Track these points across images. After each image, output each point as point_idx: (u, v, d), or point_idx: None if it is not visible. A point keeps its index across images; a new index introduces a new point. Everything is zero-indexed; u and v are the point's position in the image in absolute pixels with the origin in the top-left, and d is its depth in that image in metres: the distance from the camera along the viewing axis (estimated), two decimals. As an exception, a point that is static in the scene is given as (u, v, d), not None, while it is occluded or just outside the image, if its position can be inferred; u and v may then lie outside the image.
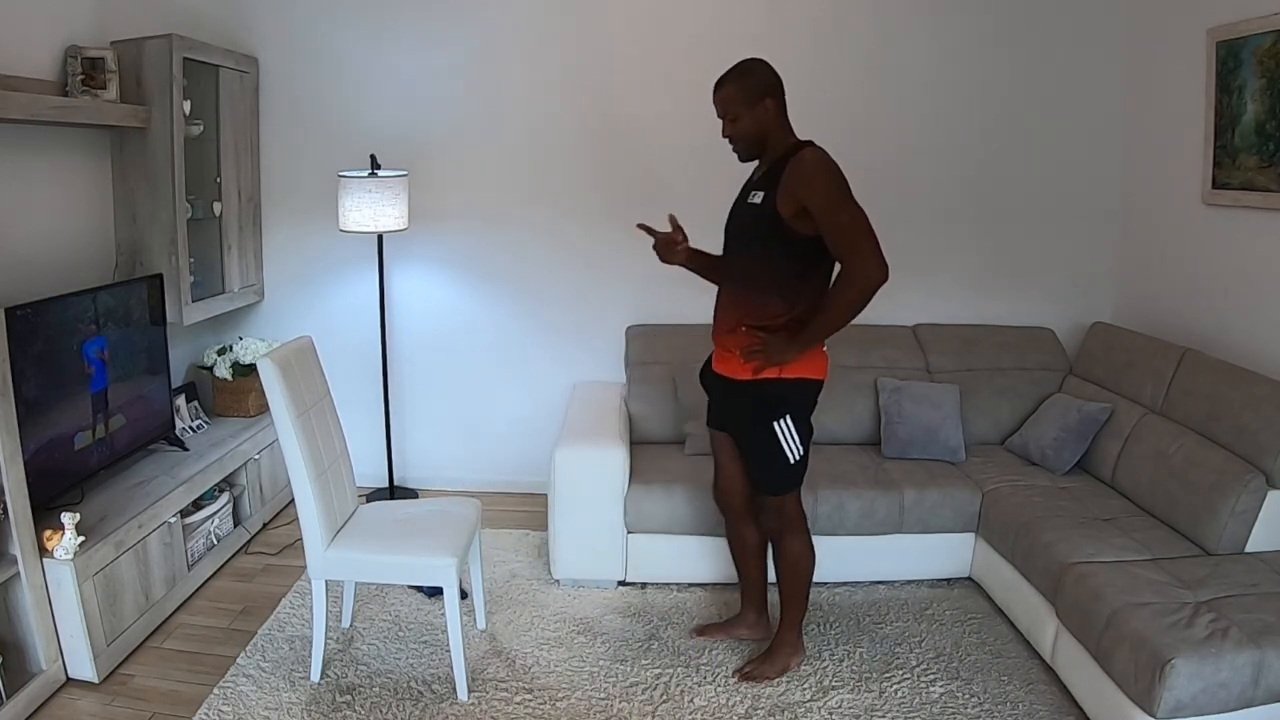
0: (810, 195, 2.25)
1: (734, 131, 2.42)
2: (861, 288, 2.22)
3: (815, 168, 2.27)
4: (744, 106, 2.38)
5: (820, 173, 2.27)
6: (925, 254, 3.94)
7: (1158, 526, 2.81)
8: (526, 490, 4.05)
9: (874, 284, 2.21)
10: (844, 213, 2.22)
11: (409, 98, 3.86)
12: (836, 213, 2.22)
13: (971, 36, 3.77)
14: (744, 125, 2.39)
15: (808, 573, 2.62)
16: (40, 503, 2.50)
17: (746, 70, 2.41)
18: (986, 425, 3.57)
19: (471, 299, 4.03)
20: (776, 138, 2.41)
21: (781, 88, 2.42)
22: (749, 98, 2.37)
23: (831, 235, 2.24)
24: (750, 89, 2.37)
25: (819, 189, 2.25)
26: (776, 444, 2.46)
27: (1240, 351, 3.10)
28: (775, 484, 2.53)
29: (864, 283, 2.21)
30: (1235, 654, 2.10)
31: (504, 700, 2.53)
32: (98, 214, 3.24)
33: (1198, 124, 3.30)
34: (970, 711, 2.51)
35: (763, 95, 2.37)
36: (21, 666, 2.46)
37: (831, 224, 2.23)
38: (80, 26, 3.04)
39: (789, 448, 2.46)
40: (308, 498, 2.47)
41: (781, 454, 2.46)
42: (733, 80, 2.41)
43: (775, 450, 2.46)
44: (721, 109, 2.43)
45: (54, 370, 2.67)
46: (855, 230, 2.21)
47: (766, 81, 2.39)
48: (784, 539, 2.59)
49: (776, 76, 2.42)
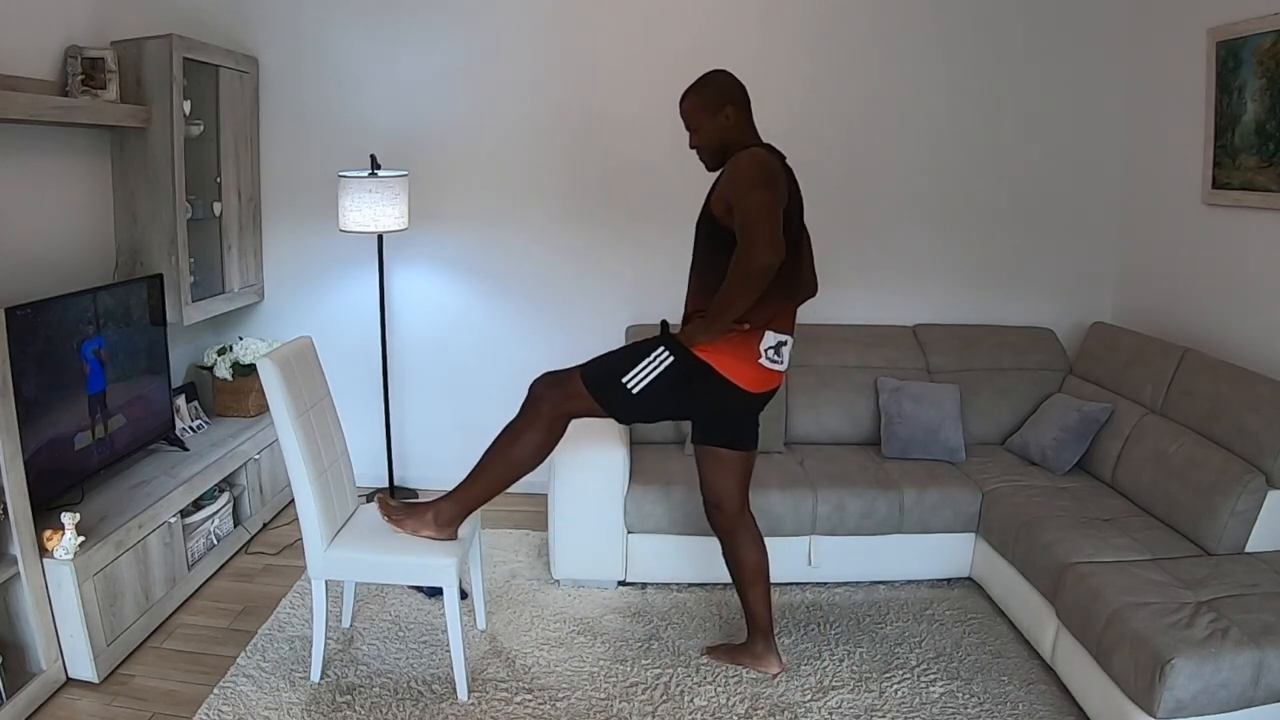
0: (730, 191, 2.28)
1: (699, 142, 2.46)
2: (745, 269, 2.18)
3: (740, 166, 2.29)
4: (706, 116, 2.41)
5: (741, 169, 2.28)
6: (925, 254, 3.95)
7: (1158, 526, 2.81)
8: (526, 490, 4.01)
9: (759, 265, 2.16)
10: (747, 197, 2.22)
11: (409, 98, 3.86)
12: (741, 198, 2.23)
13: (971, 37, 3.77)
14: (706, 135, 2.43)
15: (510, 463, 2.50)
16: (40, 503, 2.50)
17: (707, 81, 2.45)
18: (986, 425, 3.57)
19: (472, 299, 4.03)
20: (738, 144, 2.41)
21: (743, 95, 2.44)
22: (710, 107, 2.41)
23: (735, 219, 2.25)
24: (711, 99, 2.41)
25: (733, 184, 2.28)
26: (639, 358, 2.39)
27: (1240, 351, 3.10)
28: (599, 378, 2.43)
29: (748, 264, 2.17)
30: (1235, 654, 2.10)
31: (504, 700, 2.53)
32: (98, 214, 3.24)
33: (1198, 124, 3.30)
34: (970, 711, 2.51)
35: (723, 104, 2.40)
36: (21, 666, 2.46)
37: (736, 209, 2.24)
38: (80, 26, 3.04)
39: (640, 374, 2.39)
40: (308, 498, 2.47)
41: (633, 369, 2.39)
42: (694, 92, 2.44)
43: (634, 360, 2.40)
44: (686, 120, 2.47)
45: (54, 370, 2.67)
46: (752, 213, 2.20)
47: (727, 91, 2.42)
48: (525, 415, 2.49)
49: (738, 85, 2.44)
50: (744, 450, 2.63)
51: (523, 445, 2.50)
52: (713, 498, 2.70)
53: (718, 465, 2.64)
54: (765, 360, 2.40)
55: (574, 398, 2.47)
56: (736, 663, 2.72)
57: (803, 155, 3.84)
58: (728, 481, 2.65)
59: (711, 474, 2.67)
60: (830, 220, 3.93)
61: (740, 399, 2.42)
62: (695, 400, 2.45)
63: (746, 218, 2.19)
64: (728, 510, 2.67)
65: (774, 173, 2.29)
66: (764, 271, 2.16)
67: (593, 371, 2.48)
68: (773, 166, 2.31)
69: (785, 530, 3.09)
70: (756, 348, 2.38)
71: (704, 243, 2.44)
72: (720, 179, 2.39)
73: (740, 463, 2.64)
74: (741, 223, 2.20)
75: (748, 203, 2.21)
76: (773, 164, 2.32)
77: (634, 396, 2.40)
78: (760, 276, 2.17)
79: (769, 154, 2.36)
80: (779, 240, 2.17)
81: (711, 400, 2.44)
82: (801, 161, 3.83)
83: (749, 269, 2.17)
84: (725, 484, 2.65)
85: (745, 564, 2.68)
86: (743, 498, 2.68)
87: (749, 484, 2.70)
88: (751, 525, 2.71)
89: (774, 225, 2.18)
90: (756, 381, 2.41)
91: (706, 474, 2.68)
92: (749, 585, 2.68)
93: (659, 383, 2.38)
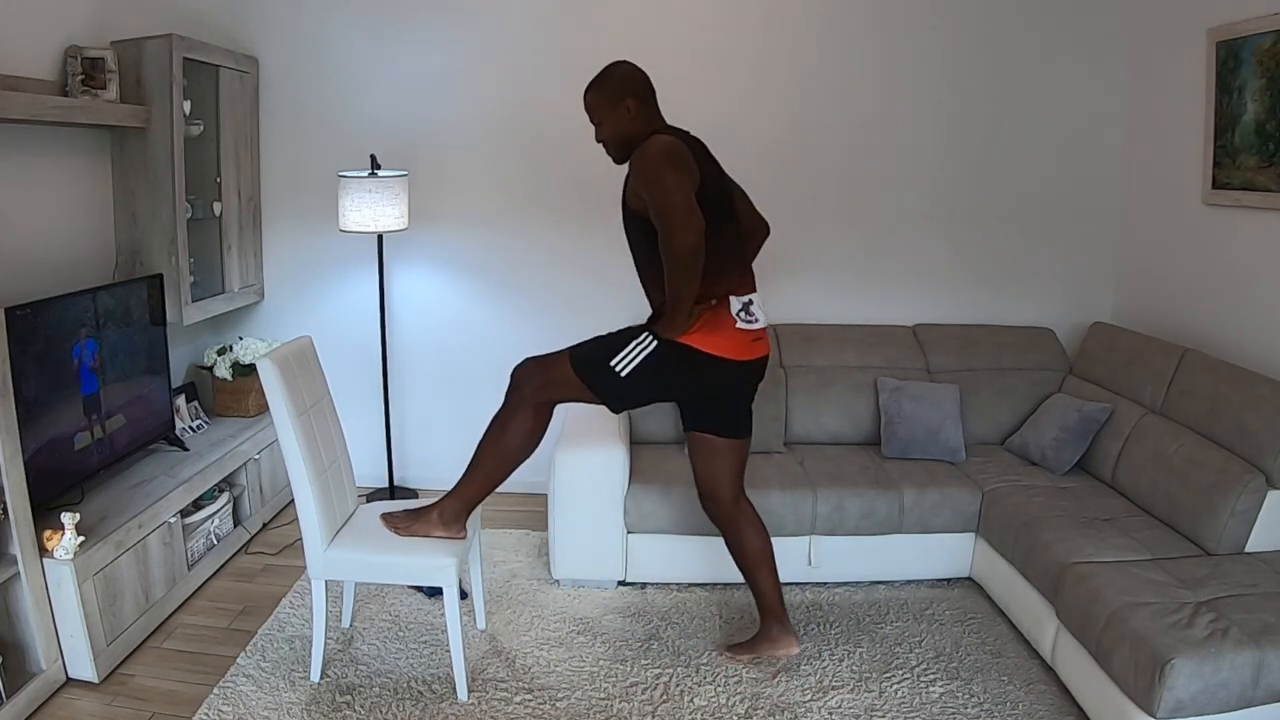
0: (639, 182, 2.30)
1: (602, 136, 2.48)
2: (674, 254, 2.20)
3: (644, 155, 2.30)
4: (608, 109, 2.43)
5: (645, 158, 2.29)
6: (925, 254, 3.95)
7: (1158, 526, 2.81)
8: (526, 490, 4.04)
9: (684, 247, 2.18)
10: (656, 185, 2.24)
11: (409, 98, 3.86)
12: (649, 187, 2.25)
13: (971, 37, 3.77)
14: (609, 129, 2.44)
15: (503, 453, 2.53)
16: (40, 503, 2.50)
17: (608, 75, 2.46)
18: (986, 425, 3.57)
19: (472, 298, 4.03)
20: (643, 135, 2.41)
21: (645, 86, 2.45)
22: (610, 101, 2.42)
23: (650, 208, 2.27)
24: (611, 92, 2.42)
25: (640, 174, 2.29)
26: (626, 342, 2.41)
27: (1240, 351, 3.10)
28: (588, 362, 2.44)
29: (674, 249, 2.19)
30: (1235, 654, 2.10)
31: (504, 700, 2.53)
32: (98, 214, 3.24)
33: (1198, 124, 3.30)
34: (970, 711, 2.51)
35: (623, 96, 2.41)
36: (21, 666, 2.46)
37: (647, 199, 2.26)
38: (80, 26, 3.04)
39: (628, 357, 2.39)
40: (308, 498, 2.47)
41: (620, 352, 2.40)
42: (595, 86, 2.46)
43: (622, 344, 2.41)
44: (589, 115, 2.48)
45: (54, 370, 2.67)
46: (660, 198, 2.22)
47: (627, 83, 2.43)
48: (510, 403, 2.51)
49: (640, 76, 2.45)
50: (737, 438, 2.63)
51: (512, 433, 2.52)
52: (706, 489, 2.69)
53: (711, 454, 2.64)
54: (741, 323, 2.41)
55: (560, 382, 2.48)
56: (756, 653, 2.69)
57: (803, 156, 3.89)
58: (721, 471, 2.64)
59: (705, 464, 2.66)
60: (831, 220, 3.95)
61: (732, 372, 2.44)
62: (685, 381, 2.46)
63: (658, 204, 2.22)
64: (722, 500, 2.67)
65: (676, 153, 2.30)
66: (692, 251, 2.19)
67: (582, 355, 2.48)
68: (674, 148, 2.31)
69: (785, 530, 3.09)
70: (728, 315, 2.40)
71: (636, 239, 2.47)
72: (629, 173, 2.40)
73: (734, 451, 2.64)
74: (655, 210, 2.23)
75: (656, 189, 2.23)
76: (674, 145, 2.32)
77: (623, 380, 2.41)
78: (690, 257, 2.19)
79: (670, 137, 2.36)
80: (695, 218, 2.18)
81: (702, 379, 2.45)
82: (802, 162, 3.89)
83: (677, 253, 2.20)
84: (719, 473, 2.64)
85: (748, 549, 2.68)
86: (737, 487, 2.68)
87: (743, 474, 2.70)
88: (749, 511, 2.70)
89: (686, 204, 2.20)
90: (741, 348, 2.42)
91: (700, 464, 2.68)
92: (754, 570, 2.68)
93: (646, 365, 2.39)
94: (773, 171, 3.88)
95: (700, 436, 2.64)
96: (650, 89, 2.47)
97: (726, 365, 2.41)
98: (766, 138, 3.85)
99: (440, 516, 2.55)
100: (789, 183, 3.88)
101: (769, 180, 3.87)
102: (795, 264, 3.95)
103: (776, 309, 3.94)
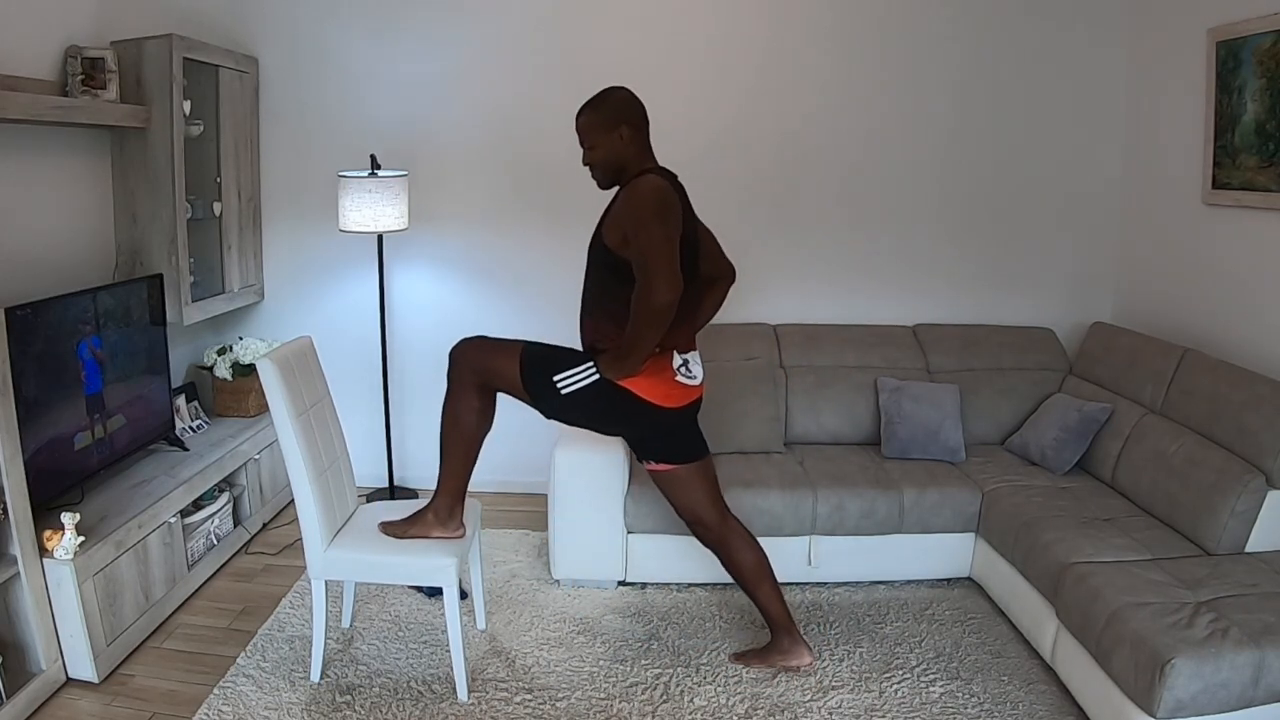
0: (627, 222, 2.27)
1: (592, 159, 2.44)
2: (649, 309, 2.21)
3: (636, 197, 2.28)
4: (602, 134, 2.39)
5: (638, 200, 2.27)
6: (925, 254, 3.95)
7: (1158, 526, 2.81)
8: (526, 490, 4.05)
9: (661, 304, 2.19)
10: (644, 233, 2.22)
11: (409, 98, 3.86)
12: (638, 234, 2.23)
13: (971, 37, 3.77)
14: (601, 153, 2.41)
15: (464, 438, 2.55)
16: (40, 503, 2.50)
17: (603, 99, 2.42)
18: (986, 425, 3.57)
19: (471, 299, 4.03)
20: (633, 164, 2.40)
21: (641, 115, 2.42)
22: (605, 125, 2.38)
23: (633, 256, 2.25)
24: (606, 117, 2.39)
25: (631, 215, 2.26)
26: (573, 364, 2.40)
27: (1240, 351, 3.10)
28: (535, 365, 2.42)
29: (650, 304, 2.20)
30: (1235, 654, 2.10)
31: (504, 700, 2.53)
32: (98, 214, 3.24)
33: (1198, 124, 3.30)
34: (970, 711, 2.51)
35: (618, 123, 2.38)
36: (21, 666, 2.46)
37: (634, 245, 2.24)
38: (80, 26, 3.04)
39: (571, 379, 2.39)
40: (307, 498, 2.47)
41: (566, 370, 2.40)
42: (590, 108, 2.42)
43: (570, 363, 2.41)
44: (580, 137, 2.44)
45: (54, 370, 2.67)
46: (649, 250, 2.20)
47: (623, 109, 2.40)
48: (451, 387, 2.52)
49: (636, 104, 2.42)
50: (695, 460, 2.62)
51: (464, 416, 2.53)
52: (689, 516, 2.69)
53: (678, 485, 2.64)
54: (680, 377, 2.42)
55: (500, 373, 2.46)
56: (769, 665, 2.68)
57: (804, 156, 3.88)
58: (696, 496, 2.63)
59: (677, 495, 2.66)
60: (831, 220, 3.95)
61: (663, 416, 2.43)
62: (621, 418, 2.46)
63: (645, 256, 2.20)
64: (710, 523, 2.66)
65: (669, 204, 2.28)
66: (667, 309, 2.20)
67: (533, 356, 2.47)
68: (668, 197, 2.29)
69: (785, 530, 3.09)
70: (669, 366, 2.41)
71: (600, 272, 2.43)
72: (615, 206, 2.37)
73: (699, 474, 2.63)
74: (640, 261, 2.22)
75: (645, 240, 2.21)
76: (668, 194, 2.30)
77: (562, 397, 2.41)
78: (664, 314, 2.21)
79: (664, 181, 2.33)
80: (677, 277, 2.19)
81: (636, 421, 2.47)
82: (803, 162, 3.89)
83: (652, 308, 2.20)
84: (695, 500, 2.64)
85: (744, 566, 2.67)
86: (719, 506, 2.67)
87: (719, 491, 2.69)
88: (738, 528, 2.69)
89: (672, 262, 2.20)
90: (673, 397, 2.43)
91: (673, 497, 2.67)
92: (755, 586, 2.68)
93: (584, 394, 2.39)
94: (773, 172, 3.88)
95: (660, 472, 2.63)
96: (645, 118, 2.44)
97: (659, 411, 2.42)
98: (767, 138, 3.85)
99: (436, 516, 2.56)
100: (790, 183, 3.88)
101: (770, 180, 3.90)
102: (796, 264, 3.95)
103: (777, 309, 3.95)
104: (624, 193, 2.35)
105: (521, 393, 2.48)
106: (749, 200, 3.88)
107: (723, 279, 2.67)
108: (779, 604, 2.67)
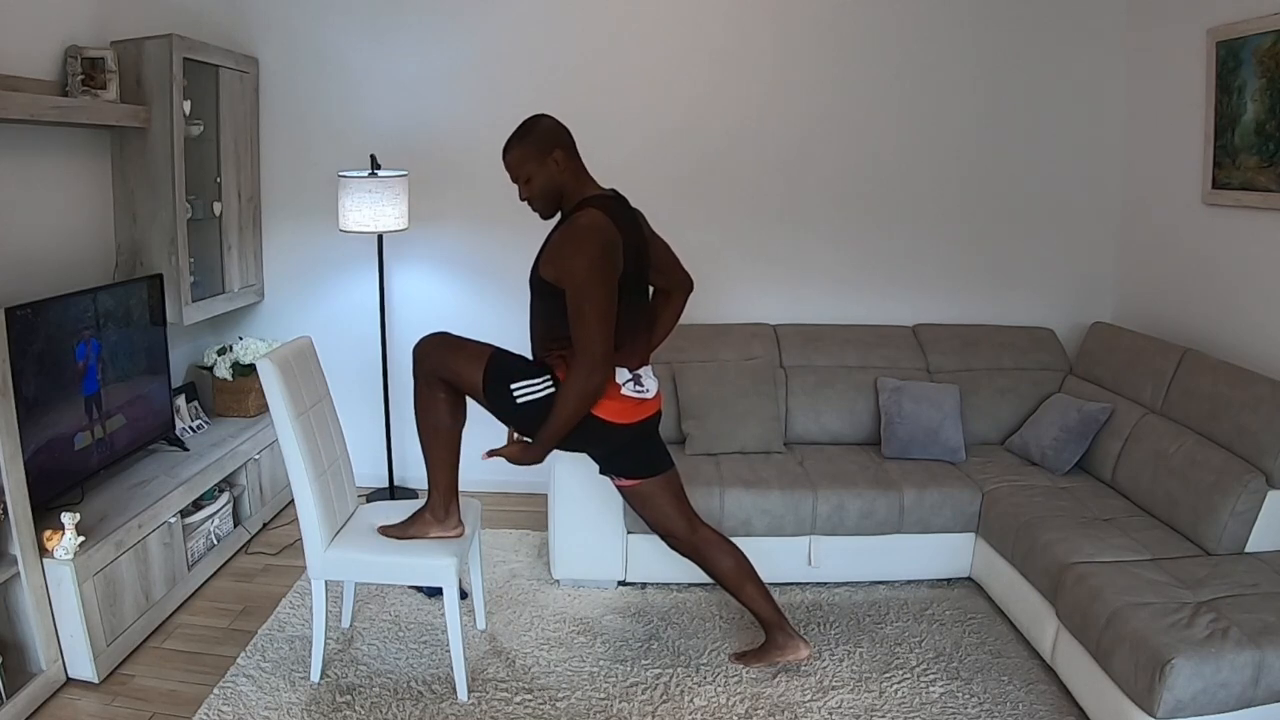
0: (560, 268, 2.25)
1: (529, 193, 2.39)
2: (574, 390, 2.23)
3: (574, 240, 2.24)
4: (535, 164, 2.34)
5: (574, 248, 2.23)
6: (926, 254, 3.95)
7: (1158, 526, 2.81)
8: (526, 490, 4.04)
9: (590, 387, 2.22)
10: (584, 302, 2.19)
11: (409, 98, 3.86)
12: (577, 300, 2.21)
13: (972, 37, 3.77)
14: (538, 184, 2.36)
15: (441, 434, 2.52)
16: (40, 503, 2.50)
17: (529, 129, 2.37)
18: (986, 425, 3.57)
19: (471, 299, 4.03)
20: (572, 189, 2.37)
21: (569, 138, 2.38)
22: (538, 154, 2.33)
23: (570, 319, 2.23)
24: (537, 146, 2.33)
25: (567, 267, 2.23)
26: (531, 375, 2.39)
27: (1240, 351, 3.10)
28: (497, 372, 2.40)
29: (576, 386, 2.22)
30: (1235, 654, 2.10)
31: (504, 700, 2.53)
32: (98, 214, 3.24)
33: (1198, 124, 3.30)
34: (970, 711, 2.51)
35: (550, 148, 2.33)
36: (21, 666, 2.46)
37: (571, 308, 2.22)
38: (80, 26, 3.04)
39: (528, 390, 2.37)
40: (308, 498, 2.47)
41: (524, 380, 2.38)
42: (517, 141, 2.35)
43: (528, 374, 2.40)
44: (513, 173, 2.38)
45: (54, 370, 2.67)
46: (586, 328, 2.20)
47: (551, 135, 2.35)
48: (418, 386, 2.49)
49: (562, 128, 2.38)
50: (659, 474, 2.60)
51: (437, 412, 2.50)
52: (660, 530, 2.67)
53: (645, 500, 2.62)
54: (628, 391, 2.40)
55: (462, 376, 2.43)
56: (769, 662, 2.68)
57: (804, 156, 3.88)
58: (664, 509, 2.62)
59: (646, 510, 2.65)
60: (831, 220, 3.95)
61: (619, 433, 2.42)
62: (577, 435, 2.40)
63: (582, 331, 2.20)
64: (679, 534, 2.65)
65: (606, 245, 2.23)
66: (596, 391, 2.25)
67: (497, 362, 2.43)
68: (606, 236, 2.24)
69: (785, 530, 3.09)
70: (614, 384, 2.37)
71: (544, 301, 2.38)
72: (552, 241, 2.33)
73: (664, 488, 2.61)
74: (577, 335, 2.22)
75: (584, 308, 2.19)
76: (606, 231, 2.24)
77: (517, 406, 2.39)
78: (592, 395, 2.26)
79: (602, 216, 2.26)
80: (608, 354, 2.22)
81: (592, 438, 2.45)
82: (803, 162, 3.88)
83: (582, 390, 2.24)
84: (664, 513, 2.62)
85: (723, 572, 2.66)
86: (687, 517, 2.65)
87: (687, 502, 2.67)
88: (710, 535, 2.67)
89: (605, 341, 2.21)
90: (626, 413, 2.41)
91: (643, 512, 2.66)
92: (738, 589, 2.66)
93: (539, 406, 2.37)
94: (774, 172, 3.88)
95: (625, 487, 2.62)
96: (573, 142, 2.39)
97: (614, 428, 2.40)
98: (767, 139, 3.85)
99: (432, 515, 2.56)
100: (790, 183, 3.88)
101: (770, 180, 3.90)
102: (796, 264, 3.95)
103: (777, 309, 3.95)
104: (561, 231, 2.31)
105: (481, 399, 2.45)
106: (750, 201, 3.88)
107: (678, 291, 2.63)
108: (765, 602, 2.66)
